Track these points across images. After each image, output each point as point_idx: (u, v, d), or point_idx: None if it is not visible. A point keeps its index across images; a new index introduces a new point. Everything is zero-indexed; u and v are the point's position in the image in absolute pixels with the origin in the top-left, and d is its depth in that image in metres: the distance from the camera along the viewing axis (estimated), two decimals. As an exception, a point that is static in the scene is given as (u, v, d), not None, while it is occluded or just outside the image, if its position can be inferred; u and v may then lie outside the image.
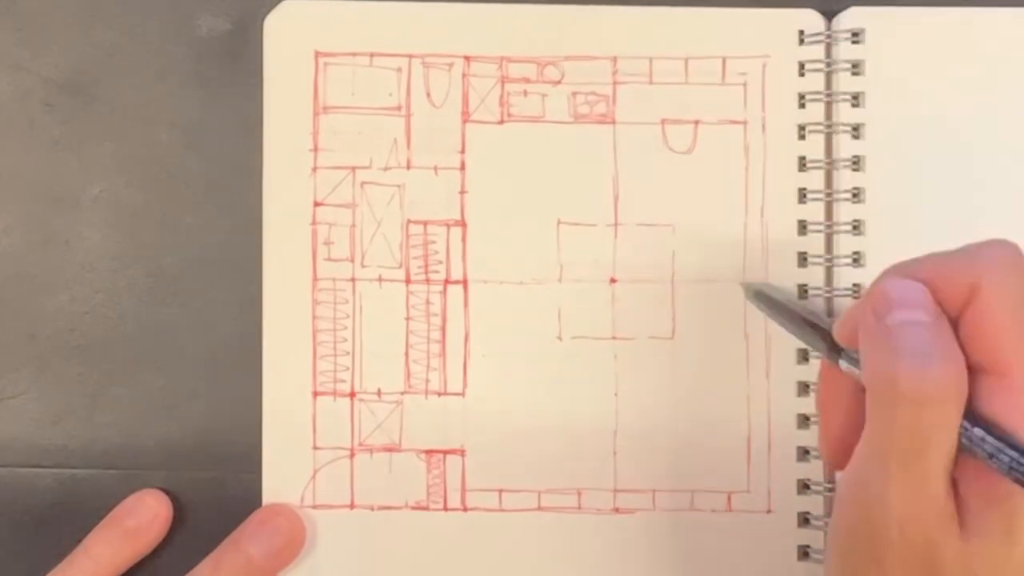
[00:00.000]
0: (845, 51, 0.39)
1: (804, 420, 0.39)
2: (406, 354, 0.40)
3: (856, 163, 0.39)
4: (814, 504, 0.39)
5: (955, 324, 0.30)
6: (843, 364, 0.33)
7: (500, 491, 0.39)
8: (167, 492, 0.39)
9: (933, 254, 0.32)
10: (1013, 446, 0.28)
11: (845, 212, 0.39)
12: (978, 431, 0.29)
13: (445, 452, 0.39)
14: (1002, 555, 0.29)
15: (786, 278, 0.39)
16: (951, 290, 0.30)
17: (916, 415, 0.29)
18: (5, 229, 0.40)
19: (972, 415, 0.29)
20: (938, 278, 0.31)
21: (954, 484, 0.29)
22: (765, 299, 0.38)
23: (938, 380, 0.29)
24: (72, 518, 0.39)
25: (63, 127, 0.40)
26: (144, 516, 0.39)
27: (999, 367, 0.29)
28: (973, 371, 0.29)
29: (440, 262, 0.40)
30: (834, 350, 0.33)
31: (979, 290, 0.30)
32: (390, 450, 0.39)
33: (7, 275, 0.40)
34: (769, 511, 0.39)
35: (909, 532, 0.29)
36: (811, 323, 0.35)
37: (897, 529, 0.29)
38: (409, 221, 0.40)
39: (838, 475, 0.35)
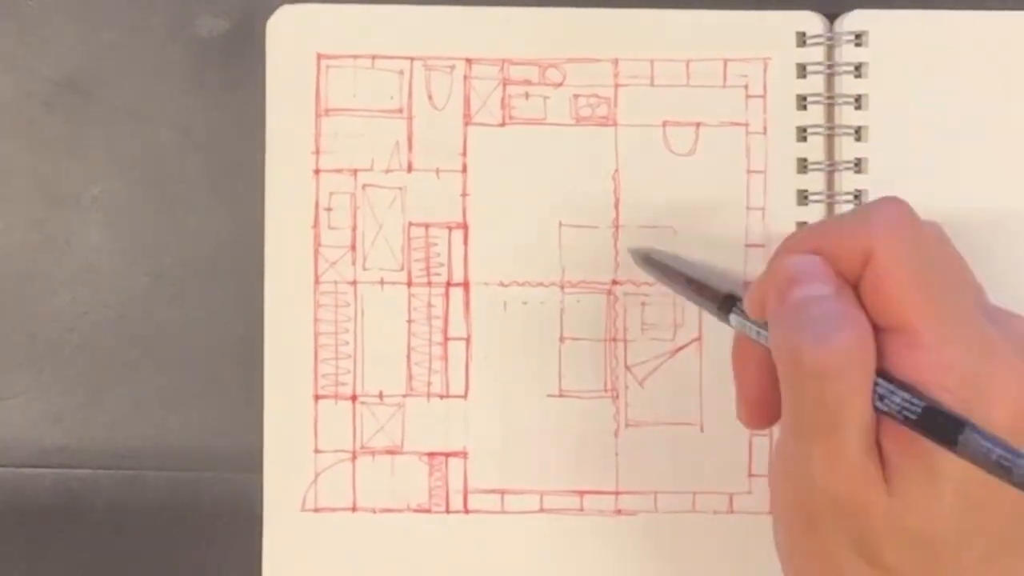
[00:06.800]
0: (847, 53, 0.39)
1: (805, 422, 0.39)
2: (408, 356, 0.39)
3: (858, 165, 0.39)
4: (815, 506, 0.39)
5: (856, 289, 0.30)
6: (733, 320, 0.34)
7: (502, 493, 0.39)
8: (167, 492, 0.39)
9: (824, 221, 0.32)
10: (920, 399, 0.28)
11: (846, 214, 0.39)
12: (886, 389, 0.29)
13: (447, 454, 0.39)
14: (929, 505, 0.29)
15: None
16: (847, 256, 0.30)
17: (822, 388, 0.29)
18: (5, 229, 0.40)
19: (883, 376, 0.29)
20: (833, 246, 0.31)
21: (879, 446, 0.29)
22: (655, 264, 0.38)
23: (839, 350, 0.29)
24: (72, 518, 0.39)
25: (63, 127, 0.40)
26: None
27: (902, 326, 0.29)
28: (881, 332, 0.30)
29: (442, 264, 0.40)
30: (723, 310, 0.34)
31: (873, 252, 0.30)
32: (392, 453, 0.39)
33: (7, 275, 0.40)
34: (771, 512, 0.39)
35: (838, 501, 0.29)
36: (700, 284, 0.36)
37: (826, 499, 0.29)
38: (411, 223, 0.40)
39: (769, 451, 0.36)
